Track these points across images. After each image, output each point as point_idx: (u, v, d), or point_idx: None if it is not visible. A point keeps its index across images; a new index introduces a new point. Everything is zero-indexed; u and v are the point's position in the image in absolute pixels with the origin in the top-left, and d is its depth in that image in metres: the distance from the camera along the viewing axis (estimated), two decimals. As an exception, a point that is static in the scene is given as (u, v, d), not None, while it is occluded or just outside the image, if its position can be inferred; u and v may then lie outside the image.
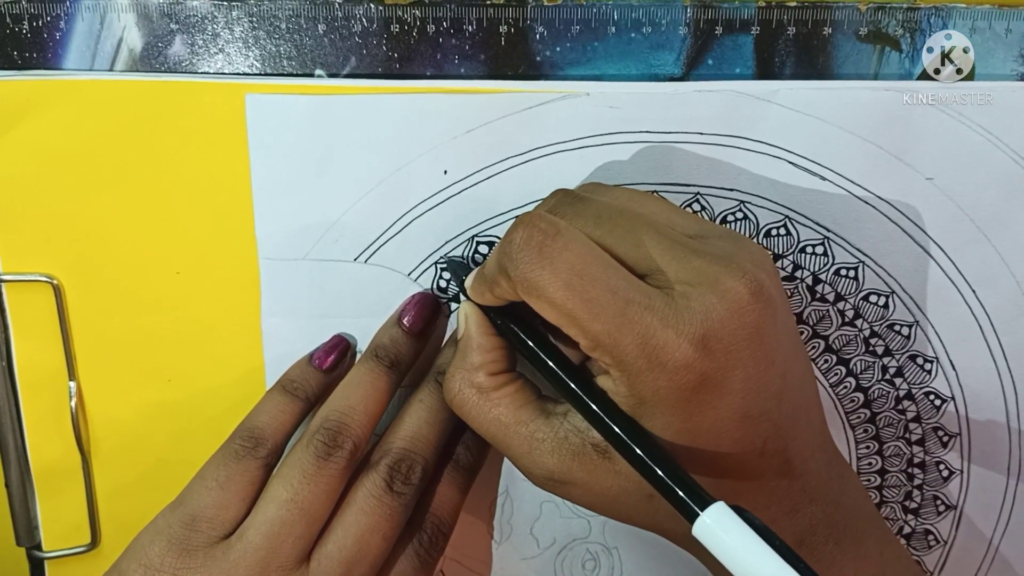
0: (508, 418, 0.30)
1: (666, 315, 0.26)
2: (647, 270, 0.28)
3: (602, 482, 0.29)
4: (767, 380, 0.27)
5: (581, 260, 0.27)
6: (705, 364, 0.26)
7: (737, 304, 0.27)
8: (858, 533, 0.31)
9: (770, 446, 0.28)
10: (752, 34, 0.34)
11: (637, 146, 0.35)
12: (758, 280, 0.27)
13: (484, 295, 0.30)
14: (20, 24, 0.32)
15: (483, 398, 0.31)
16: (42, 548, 0.37)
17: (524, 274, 0.27)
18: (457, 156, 0.34)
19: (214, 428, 0.36)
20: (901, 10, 0.34)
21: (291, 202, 0.34)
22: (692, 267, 0.27)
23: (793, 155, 0.35)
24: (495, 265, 0.29)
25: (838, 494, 0.31)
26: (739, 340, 0.27)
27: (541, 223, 0.27)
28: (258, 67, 0.34)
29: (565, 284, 0.26)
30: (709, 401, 0.27)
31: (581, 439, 0.29)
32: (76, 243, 0.34)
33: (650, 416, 0.27)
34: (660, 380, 0.26)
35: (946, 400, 0.39)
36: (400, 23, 0.33)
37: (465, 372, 0.31)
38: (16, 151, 0.33)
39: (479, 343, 0.31)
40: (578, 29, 0.34)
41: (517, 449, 0.30)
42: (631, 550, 0.39)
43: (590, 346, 0.27)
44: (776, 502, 0.29)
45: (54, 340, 0.35)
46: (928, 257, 0.37)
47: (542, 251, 0.27)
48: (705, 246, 0.28)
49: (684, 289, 0.27)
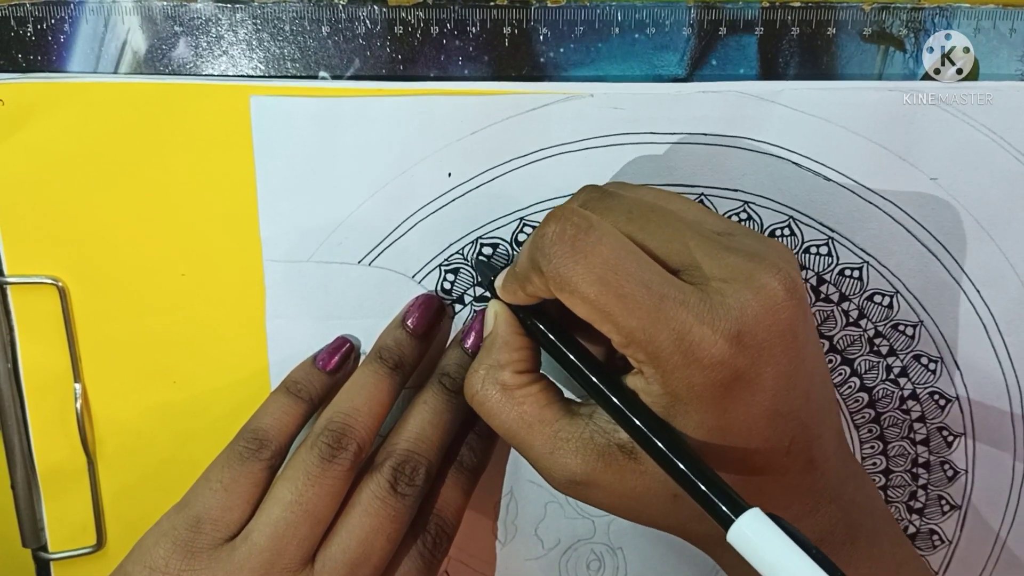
0: (532, 417, 0.30)
1: (701, 311, 0.26)
2: (680, 266, 0.28)
3: (626, 483, 0.29)
4: (797, 378, 0.27)
5: (615, 255, 0.27)
6: (739, 360, 0.26)
7: (772, 301, 0.26)
8: (872, 533, 0.31)
9: (796, 445, 0.28)
10: (756, 35, 0.34)
11: (641, 147, 0.35)
12: (792, 277, 0.27)
13: (515, 293, 0.30)
14: (25, 27, 0.33)
15: (507, 396, 0.30)
16: (48, 549, 0.37)
17: (557, 269, 0.27)
18: (461, 158, 0.34)
19: (219, 429, 0.36)
20: (905, 10, 0.34)
21: (295, 204, 0.34)
22: (726, 263, 0.27)
23: (797, 155, 0.35)
24: (527, 261, 0.28)
25: (854, 493, 0.31)
26: (773, 337, 0.26)
27: (574, 217, 0.27)
28: (262, 69, 0.34)
29: (599, 279, 0.26)
30: (741, 398, 0.27)
31: (607, 439, 0.29)
32: (81, 245, 0.35)
33: (683, 414, 0.27)
34: (695, 376, 0.26)
35: (951, 400, 0.39)
36: (404, 25, 0.33)
37: (491, 369, 0.31)
38: (21, 153, 0.33)
39: (507, 341, 0.31)
40: (582, 30, 0.34)
41: (540, 449, 0.30)
42: (636, 551, 0.39)
43: (623, 342, 0.27)
44: (798, 501, 0.29)
45: (59, 342, 0.35)
46: (932, 257, 0.37)
47: (575, 245, 0.27)
48: (735, 243, 0.28)
49: (719, 285, 0.27)
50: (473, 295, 0.36)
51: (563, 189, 0.35)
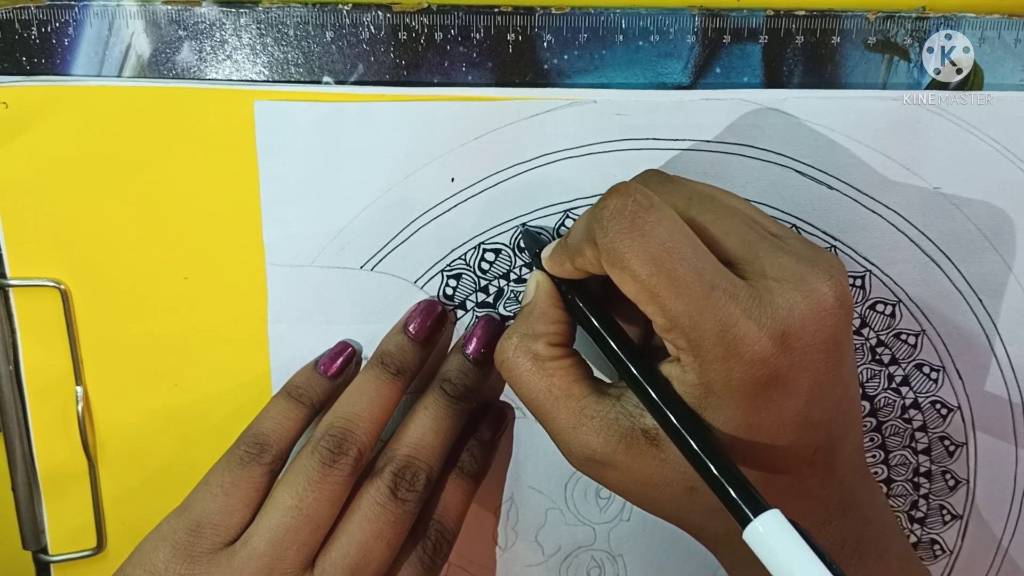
0: (560, 390, 0.30)
1: (749, 306, 0.26)
2: (733, 259, 0.28)
3: (644, 469, 0.28)
4: (832, 388, 0.27)
5: (672, 237, 0.26)
6: (780, 361, 0.26)
7: (821, 306, 0.26)
8: (882, 550, 0.31)
9: (819, 455, 0.28)
10: (760, 43, 0.34)
11: (644, 153, 0.35)
12: (843, 287, 0.27)
13: (563, 264, 0.30)
14: (29, 30, 0.33)
15: (538, 366, 0.30)
16: (48, 551, 0.37)
17: (612, 243, 0.27)
18: (464, 163, 0.35)
19: (220, 433, 0.36)
20: (910, 19, 0.34)
21: (298, 209, 0.34)
22: (780, 263, 0.27)
23: (800, 164, 0.35)
24: (582, 232, 0.28)
25: (868, 511, 0.31)
26: (816, 343, 0.26)
27: (637, 194, 0.27)
28: (266, 74, 0.34)
29: (652, 259, 0.26)
30: (775, 400, 0.27)
31: (631, 423, 0.28)
32: (84, 248, 0.35)
33: (715, 407, 0.27)
34: (734, 370, 0.26)
35: (952, 409, 0.39)
36: (408, 30, 0.33)
37: (524, 338, 0.31)
38: (24, 156, 0.33)
39: (544, 312, 0.31)
40: (586, 37, 0.34)
41: (563, 423, 0.29)
42: (636, 558, 0.39)
43: (666, 326, 0.27)
44: (812, 512, 0.29)
45: (61, 345, 0.35)
46: (935, 266, 0.37)
47: (635, 221, 0.26)
48: (789, 246, 0.28)
49: (769, 283, 0.27)
50: (475, 301, 0.36)
51: (566, 195, 0.35)
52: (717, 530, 0.30)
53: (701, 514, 0.29)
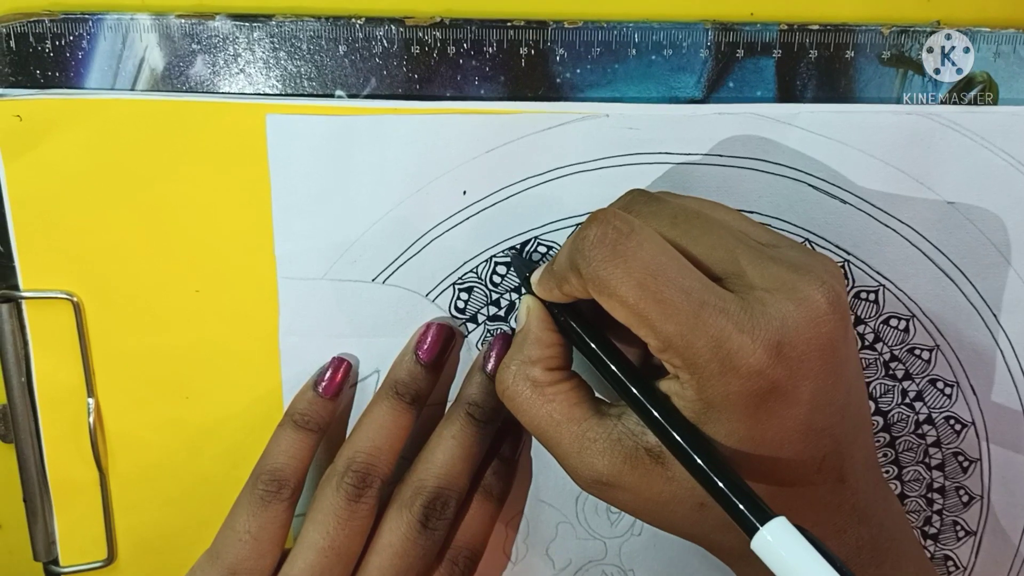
0: (561, 415, 0.30)
1: (741, 319, 0.26)
2: (722, 274, 0.28)
3: (652, 487, 0.28)
4: (834, 394, 0.27)
5: (655, 260, 0.26)
6: (777, 372, 0.26)
7: (814, 313, 0.26)
8: (898, 557, 0.30)
9: (828, 462, 0.28)
10: (774, 57, 0.34)
11: (656, 167, 0.35)
12: (836, 291, 0.27)
13: (551, 291, 0.30)
14: (43, 43, 0.33)
15: (537, 392, 0.30)
16: (59, 563, 0.37)
17: (596, 272, 0.27)
18: (476, 177, 0.34)
19: (231, 446, 0.36)
20: (924, 34, 0.34)
21: (310, 222, 0.34)
22: (769, 273, 0.27)
23: (814, 178, 0.35)
24: (566, 261, 0.28)
25: (883, 516, 0.30)
26: (812, 350, 0.26)
27: (616, 220, 0.27)
28: (279, 87, 0.34)
29: (638, 284, 0.26)
30: (776, 410, 0.26)
31: (635, 442, 0.28)
32: (96, 260, 0.35)
33: (715, 422, 0.27)
34: (731, 385, 0.26)
35: (967, 425, 0.38)
36: (420, 44, 0.33)
37: (522, 365, 0.31)
38: (38, 169, 0.33)
39: (538, 337, 0.31)
40: (598, 51, 0.34)
41: (567, 447, 0.29)
42: (647, 573, 0.39)
43: (660, 347, 0.27)
44: (825, 520, 0.29)
45: (73, 357, 0.35)
46: (949, 281, 0.36)
47: (616, 249, 0.26)
48: (779, 254, 0.28)
49: (760, 295, 0.26)
50: (486, 314, 0.36)
51: (578, 208, 0.35)
52: (732, 544, 0.29)
53: (714, 529, 0.29)
